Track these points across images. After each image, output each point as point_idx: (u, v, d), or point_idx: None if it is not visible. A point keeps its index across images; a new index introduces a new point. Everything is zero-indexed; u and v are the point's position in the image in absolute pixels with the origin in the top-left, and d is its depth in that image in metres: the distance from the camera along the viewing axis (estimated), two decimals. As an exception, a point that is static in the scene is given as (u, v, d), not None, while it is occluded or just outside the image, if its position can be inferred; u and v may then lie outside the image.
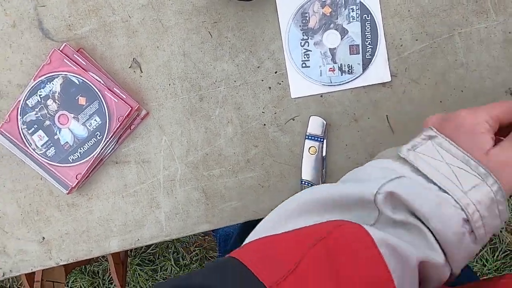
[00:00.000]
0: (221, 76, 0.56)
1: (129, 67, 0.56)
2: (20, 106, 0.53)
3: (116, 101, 0.54)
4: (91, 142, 0.54)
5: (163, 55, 0.56)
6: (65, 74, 0.53)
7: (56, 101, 0.53)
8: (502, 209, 0.29)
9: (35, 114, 0.53)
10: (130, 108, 0.54)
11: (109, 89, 0.54)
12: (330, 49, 0.52)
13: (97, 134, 0.54)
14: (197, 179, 0.57)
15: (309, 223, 0.29)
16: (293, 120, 0.56)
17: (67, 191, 0.55)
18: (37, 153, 0.54)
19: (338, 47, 0.52)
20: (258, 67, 0.56)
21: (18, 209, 0.59)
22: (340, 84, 0.54)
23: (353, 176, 0.33)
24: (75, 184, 0.55)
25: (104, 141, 0.54)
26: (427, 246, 0.28)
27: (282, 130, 0.56)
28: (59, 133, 0.54)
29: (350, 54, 0.51)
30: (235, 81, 0.56)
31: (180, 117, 0.57)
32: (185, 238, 1.30)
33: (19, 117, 0.53)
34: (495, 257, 1.21)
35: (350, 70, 0.52)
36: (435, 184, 0.29)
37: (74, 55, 0.54)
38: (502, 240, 1.22)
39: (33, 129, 0.54)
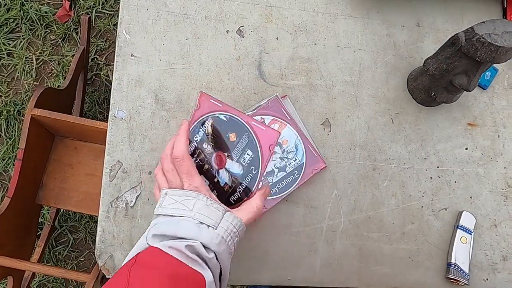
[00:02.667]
0: (394, 155, 0.66)
1: (321, 124, 0.65)
2: None
3: (264, 129, 0.52)
4: (247, 179, 0.52)
5: (351, 124, 0.66)
6: (214, 114, 0.53)
7: (210, 142, 0.53)
8: (217, 206, 0.47)
9: (195, 161, 0.53)
10: (278, 133, 0.52)
11: (253, 119, 0.52)
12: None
13: (252, 168, 0.52)
14: (357, 236, 0.62)
15: None
16: (445, 210, 0.65)
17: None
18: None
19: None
20: (425, 158, 0.66)
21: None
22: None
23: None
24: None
25: (260, 175, 0.52)
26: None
27: (435, 215, 0.64)
28: (218, 175, 0.52)
29: None
30: (404, 164, 0.66)
31: (353, 178, 0.64)
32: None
33: None
34: None
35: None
36: (175, 216, 0.46)
37: (211, 99, 0.54)
38: None
39: None
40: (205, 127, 0.53)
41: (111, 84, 0.62)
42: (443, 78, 0.61)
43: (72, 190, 1.10)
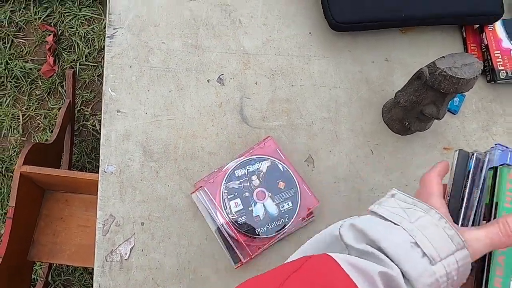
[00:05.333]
0: (377, 185, 0.68)
1: (305, 161, 0.68)
2: (227, 173, 0.61)
3: (309, 194, 0.63)
4: (278, 222, 0.60)
5: (333, 159, 0.69)
6: (274, 160, 0.63)
7: (260, 179, 0.62)
8: (451, 234, 0.33)
9: (239, 184, 0.61)
10: (318, 202, 0.63)
11: (304, 182, 0.63)
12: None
13: (286, 216, 0.61)
14: (349, 268, 0.63)
15: None
16: (432, 234, 0.67)
17: (236, 266, 0.59)
18: (229, 217, 0.59)
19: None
20: (406, 185, 0.69)
21: (176, 264, 0.60)
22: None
23: None
24: (247, 260, 0.59)
25: (290, 226, 0.61)
26: (383, 264, 0.33)
27: (423, 240, 0.66)
28: (254, 206, 0.60)
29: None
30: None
31: (340, 211, 0.66)
32: None
33: (223, 181, 0.60)
34: None
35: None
36: (389, 220, 0.35)
37: (277, 148, 0.64)
38: None
39: (232, 195, 0.60)
40: (261, 164, 0.62)
41: (98, 134, 0.64)
42: (414, 109, 0.65)
43: (64, 243, 1.09)
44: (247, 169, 0.61)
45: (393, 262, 0.32)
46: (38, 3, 1.48)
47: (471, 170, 0.43)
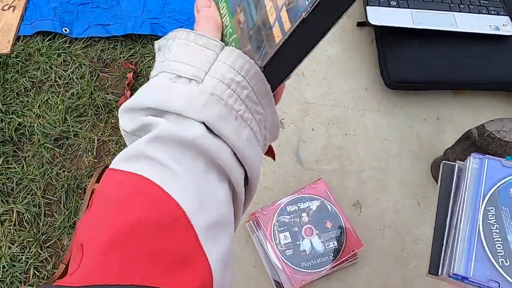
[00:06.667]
0: (421, 237, 0.71)
1: (352, 205, 0.72)
2: (280, 208, 0.67)
3: (355, 236, 0.67)
4: (323, 259, 0.65)
5: (380, 206, 0.73)
6: (323, 200, 0.69)
7: (309, 216, 0.67)
8: (204, 42, 0.28)
9: (289, 218, 0.67)
10: (362, 245, 0.66)
11: (350, 225, 0.67)
12: None
13: (331, 255, 0.65)
14: (388, 314, 0.65)
15: None
16: None
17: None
18: (278, 248, 0.65)
19: None
20: (452, 240, 0.71)
21: None
22: None
23: None
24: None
25: (334, 264, 0.64)
26: (151, 127, 0.27)
27: (465, 297, 0.67)
28: (302, 241, 0.65)
29: None
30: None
31: (383, 256, 0.69)
32: None
33: (275, 214, 0.66)
34: None
35: None
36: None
37: (327, 190, 0.70)
38: None
39: (282, 228, 0.66)
40: (311, 203, 0.68)
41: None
42: (463, 167, 0.68)
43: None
44: (298, 206, 0.67)
45: (166, 112, 0.27)
46: (124, 44, 1.69)
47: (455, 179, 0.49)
